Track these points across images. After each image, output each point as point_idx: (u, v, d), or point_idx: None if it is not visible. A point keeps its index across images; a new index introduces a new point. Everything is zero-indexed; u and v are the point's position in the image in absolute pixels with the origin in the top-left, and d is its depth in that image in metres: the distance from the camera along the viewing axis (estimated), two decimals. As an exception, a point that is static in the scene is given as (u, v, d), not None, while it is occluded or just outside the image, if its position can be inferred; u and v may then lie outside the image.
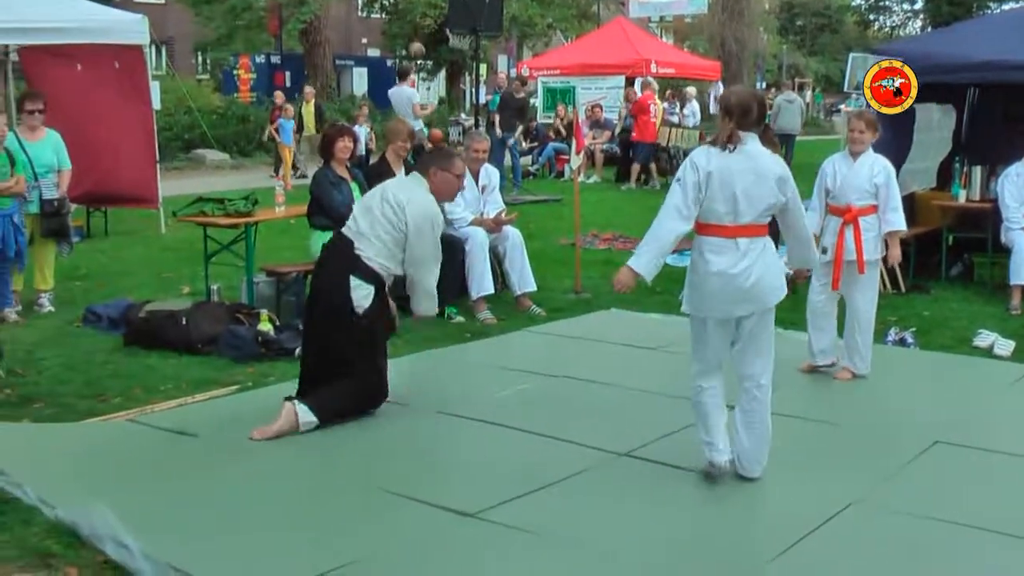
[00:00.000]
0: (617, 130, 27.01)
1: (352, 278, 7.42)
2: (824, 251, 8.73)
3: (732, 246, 6.24)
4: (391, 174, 10.96)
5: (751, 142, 6.26)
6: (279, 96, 28.06)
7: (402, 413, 7.83)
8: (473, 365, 9.38)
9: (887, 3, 67.23)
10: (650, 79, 28.31)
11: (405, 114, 20.15)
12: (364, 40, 58.90)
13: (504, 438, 7.33)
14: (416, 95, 23.04)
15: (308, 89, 28.52)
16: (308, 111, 26.87)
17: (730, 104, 6.29)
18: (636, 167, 24.84)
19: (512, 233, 11.40)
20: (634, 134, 25.04)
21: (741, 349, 6.47)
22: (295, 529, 5.76)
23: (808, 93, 69.71)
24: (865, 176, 8.77)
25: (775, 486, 6.49)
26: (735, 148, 6.20)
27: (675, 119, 28.00)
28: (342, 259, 7.52)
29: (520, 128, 24.95)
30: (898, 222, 8.82)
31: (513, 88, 25.12)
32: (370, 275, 7.46)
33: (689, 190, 6.24)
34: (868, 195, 8.78)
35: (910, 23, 66.67)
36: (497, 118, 24.18)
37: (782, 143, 30.27)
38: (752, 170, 6.18)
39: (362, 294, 7.44)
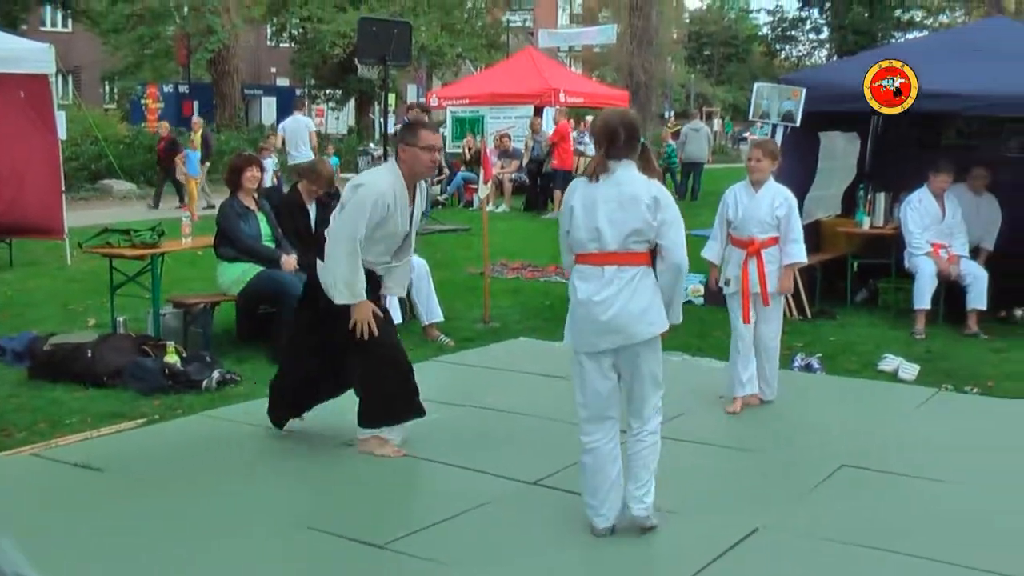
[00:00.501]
0: (525, 160, 27.04)
1: None
2: (727, 283, 8.87)
3: (598, 274, 5.99)
4: (303, 207, 10.95)
5: (622, 169, 5.99)
6: (163, 126, 27.97)
7: (310, 445, 7.80)
8: (382, 395, 9.35)
9: (793, 33, 68.21)
10: (563, 108, 28.50)
11: (302, 141, 20.18)
12: (273, 69, 58.78)
13: (413, 468, 7.33)
14: (312, 124, 23.05)
15: (195, 119, 28.28)
16: (196, 141, 26.67)
17: (596, 130, 6.13)
18: (558, 194, 24.84)
19: (418, 263, 11.39)
20: (554, 161, 25.08)
21: (624, 390, 6.17)
22: (200, 565, 5.71)
23: (717, 122, 70.52)
24: (766, 209, 8.78)
25: (684, 512, 6.51)
26: (599, 178, 5.99)
27: (582, 147, 28.16)
28: None
29: None
30: (797, 254, 8.87)
31: (414, 115, 24.95)
32: None
33: (561, 223, 6.20)
34: (770, 227, 8.80)
35: (816, 52, 67.72)
36: None
37: (689, 171, 30.71)
38: (617, 196, 5.93)
39: None
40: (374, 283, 7.53)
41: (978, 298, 11.97)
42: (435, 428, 8.17)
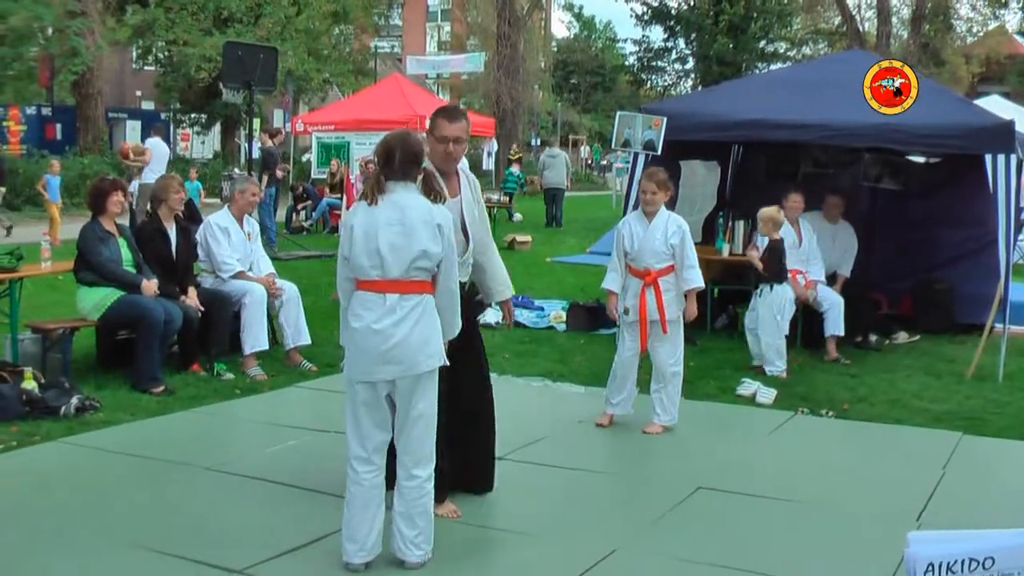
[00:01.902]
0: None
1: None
2: (627, 312, 8.97)
3: (380, 302, 5.77)
4: (163, 232, 10.86)
5: (403, 192, 5.83)
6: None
7: (170, 471, 7.73)
8: (242, 422, 9.32)
9: (659, 63, 69.04)
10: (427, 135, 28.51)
11: (161, 166, 20.11)
12: (138, 93, 58.08)
13: (272, 494, 7.27)
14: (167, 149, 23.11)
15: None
16: (56, 167, 26.27)
17: (376, 150, 5.99)
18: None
19: (289, 287, 11.36)
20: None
21: (397, 425, 5.92)
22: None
23: (584, 149, 71.04)
24: (660, 239, 8.92)
25: (541, 534, 6.57)
26: (378, 200, 5.80)
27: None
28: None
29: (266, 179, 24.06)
30: (695, 279, 9.01)
31: (265, 140, 24.76)
32: None
33: (340, 248, 5.94)
34: (665, 257, 8.95)
35: (681, 82, 68.59)
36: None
37: (551, 198, 30.92)
38: (400, 221, 5.75)
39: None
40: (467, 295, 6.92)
41: (835, 324, 12.22)
42: (297, 454, 8.17)
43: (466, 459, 7.03)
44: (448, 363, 5.96)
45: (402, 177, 5.84)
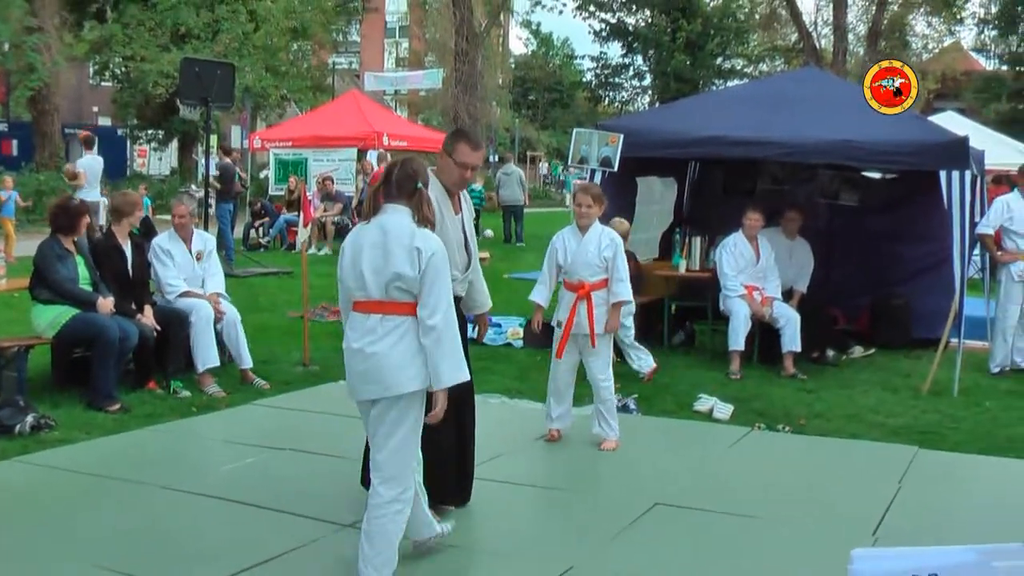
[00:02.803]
0: (354, 202, 26.95)
1: None
2: (559, 325, 8.94)
3: (363, 321, 5.75)
4: (119, 249, 10.80)
5: (390, 214, 5.79)
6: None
7: (127, 490, 7.67)
8: (199, 439, 9.26)
9: (617, 80, 69.27)
10: (384, 152, 28.49)
11: (97, 181, 20.04)
12: (95, 109, 57.83)
13: (229, 512, 7.23)
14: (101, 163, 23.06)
15: None
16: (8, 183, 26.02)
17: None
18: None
19: (229, 310, 11.29)
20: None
21: (372, 441, 5.89)
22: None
23: (543, 165, 71.13)
24: (594, 252, 8.92)
25: (499, 552, 6.59)
26: (370, 220, 5.84)
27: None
28: None
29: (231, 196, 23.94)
30: (624, 293, 9.00)
31: (221, 157, 24.64)
32: None
33: (338, 270, 5.97)
34: (599, 270, 8.94)
35: (639, 98, 68.84)
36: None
37: (510, 215, 30.91)
38: (382, 244, 5.70)
39: None
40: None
41: (792, 340, 12.27)
42: (251, 471, 8.13)
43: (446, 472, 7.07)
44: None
45: (396, 197, 5.82)
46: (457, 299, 6.83)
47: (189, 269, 11.19)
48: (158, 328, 10.62)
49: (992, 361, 12.76)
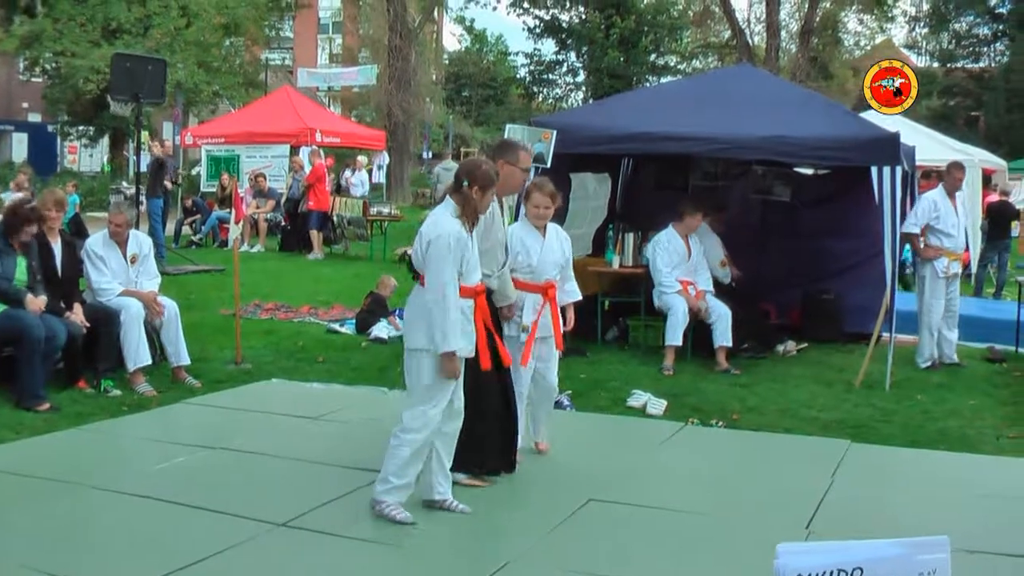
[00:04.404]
0: (283, 199, 26.79)
1: None
2: (525, 329, 8.39)
3: None
4: (48, 247, 10.68)
5: (439, 207, 7.07)
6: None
7: (56, 490, 7.55)
8: (130, 439, 9.14)
9: (551, 76, 69.31)
10: (318, 149, 28.37)
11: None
12: (25, 104, 57.20)
13: (160, 512, 7.14)
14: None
15: None
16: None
17: None
18: (315, 234, 24.56)
19: (169, 305, 11.17)
20: (311, 203, 24.77)
21: None
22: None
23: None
24: (559, 250, 8.63)
25: (434, 547, 6.55)
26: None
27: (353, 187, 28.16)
28: None
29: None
30: (577, 291, 8.88)
31: (158, 151, 24.35)
32: None
33: None
34: (560, 268, 8.68)
35: (573, 95, 68.92)
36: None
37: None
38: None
39: None
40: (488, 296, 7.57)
41: (723, 335, 12.33)
42: (183, 471, 8.06)
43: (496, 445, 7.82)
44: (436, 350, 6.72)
45: (450, 195, 7.01)
46: (490, 292, 7.64)
47: (123, 274, 11.04)
48: (87, 326, 10.50)
49: (920, 356, 12.88)
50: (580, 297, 8.98)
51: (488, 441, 7.62)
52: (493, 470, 7.84)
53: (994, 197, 22.93)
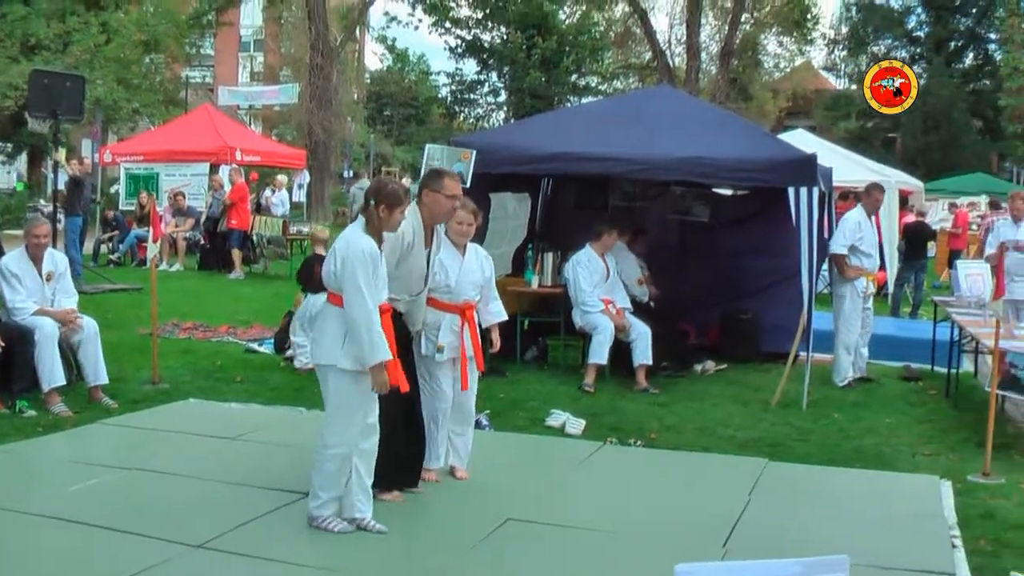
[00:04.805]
0: (202, 218, 26.58)
1: None
2: (441, 350, 8.30)
3: None
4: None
5: (352, 226, 7.23)
6: None
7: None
8: (44, 460, 9.03)
9: (472, 96, 69.31)
10: (238, 167, 28.17)
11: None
12: (-60, 121, 56.35)
13: (74, 534, 7.06)
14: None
15: None
16: None
17: None
18: (237, 253, 24.37)
19: (88, 323, 11.05)
20: (232, 221, 24.57)
21: None
22: None
23: (407, 180, 70.86)
24: (478, 270, 8.55)
25: (349, 569, 6.52)
26: None
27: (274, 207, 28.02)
28: None
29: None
30: (503, 311, 8.83)
31: (76, 169, 24.00)
32: None
33: None
34: (480, 288, 8.60)
35: (494, 115, 68.93)
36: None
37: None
38: None
39: None
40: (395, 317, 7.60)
41: (643, 354, 12.40)
42: (98, 492, 7.97)
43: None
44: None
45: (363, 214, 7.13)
46: (398, 314, 7.73)
47: (39, 292, 10.91)
48: (2, 345, 10.36)
49: (837, 375, 13.01)
50: (505, 317, 8.92)
51: (386, 456, 7.48)
52: (393, 485, 7.84)
53: (910, 218, 23.19)
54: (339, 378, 6.92)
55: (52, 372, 10.53)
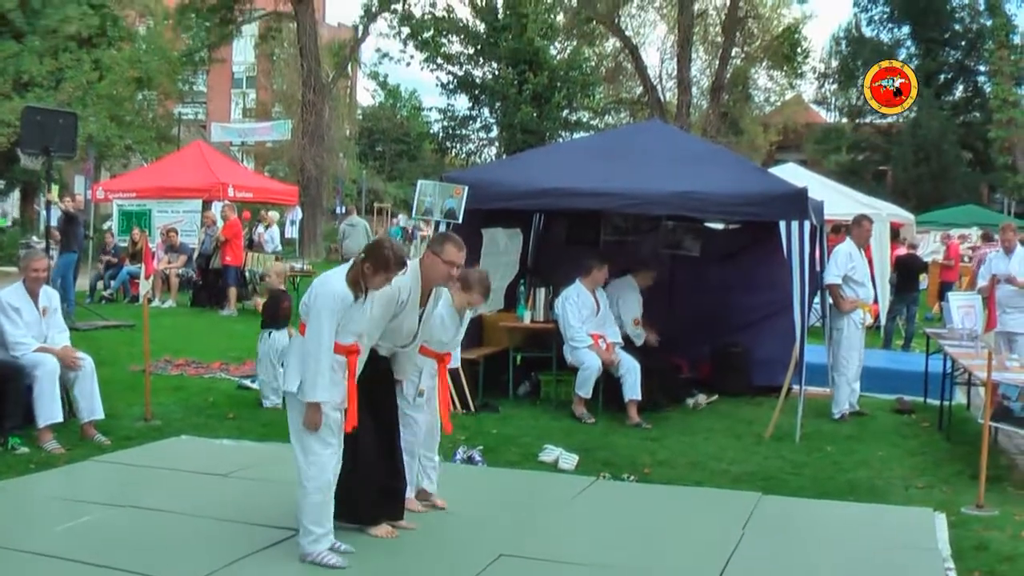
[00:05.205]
0: (195, 254, 26.56)
1: None
2: (421, 394, 8.39)
3: None
4: None
5: (340, 267, 7.34)
6: None
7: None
8: (36, 497, 8.98)
9: (464, 132, 69.49)
10: (231, 204, 28.17)
11: None
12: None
13: (65, 572, 7.03)
14: None
15: None
16: None
17: None
18: (234, 290, 24.35)
19: (86, 359, 11.03)
20: (227, 258, 24.53)
21: None
22: None
23: (402, 217, 71.00)
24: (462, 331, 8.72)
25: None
26: None
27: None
28: None
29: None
30: (457, 359, 8.95)
31: (68, 205, 24.00)
32: None
33: None
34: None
35: (486, 150, 69.10)
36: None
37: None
38: None
39: None
40: (376, 358, 7.85)
41: (632, 389, 12.40)
42: (91, 530, 7.94)
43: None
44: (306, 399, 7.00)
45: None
46: (384, 357, 7.98)
47: (36, 327, 10.89)
48: (-4, 382, 10.34)
49: (837, 406, 13.03)
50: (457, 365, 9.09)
51: (368, 490, 7.72)
52: (380, 518, 7.90)
53: (902, 250, 23.21)
54: (295, 407, 7.15)
55: (51, 409, 10.48)
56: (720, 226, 15.69)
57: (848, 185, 29.40)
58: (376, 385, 7.75)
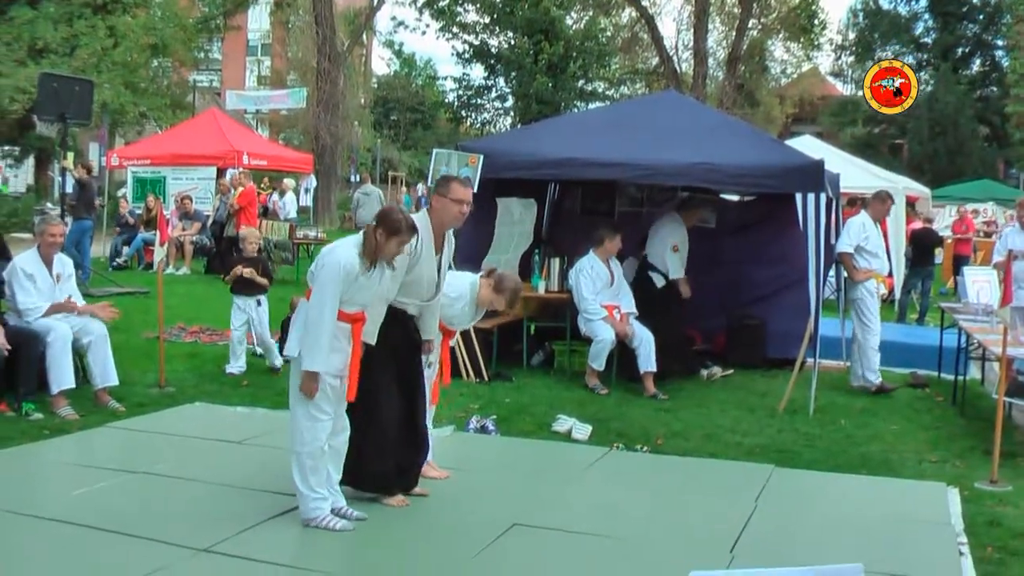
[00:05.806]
0: (209, 221, 26.56)
1: None
2: (430, 365, 8.33)
3: None
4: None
5: (351, 236, 7.33)
6: None
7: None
8: (50, 463, 9.02)
9: (479, 101, 69.37)
10: (246, 171, 28.16)
11: None
12: (-56, 125, 56.41)
13: (79, 537, 7.05)
14: None
15: None
16: None
17: None
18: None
19: (97, 326, 11.04)
20: (243, 226, 24.45)
21: None
22: None
23: (421, 187, 70.99)
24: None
25: (360, 571, 6.53)
26: None
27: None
28: None
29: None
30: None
31: (80, 175, 24.02)
32: None
33: None
34: None
35: (500, 120, 68.98)
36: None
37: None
38: None
39: None
40: (405, 319, 7.83)
41: (647, 360, 12.37)
42: (104, 496, 7.95)
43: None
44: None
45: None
46: (412, 317, 7.87)
47: (49, 293, 10.91)
48: (8, 348, 10.35)
49: (872, 372, 12.95)
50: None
51: (378, 462, 7.73)
52: (395, 489, 7.88)
53: (917, 224, 23.14)
54: (294, 367, 7.22)
55: (63, 375, 10.51)
56: (735, 198, 15.64)
57: (864, 158, 29.36)
58: (403, 350, 7.78)
